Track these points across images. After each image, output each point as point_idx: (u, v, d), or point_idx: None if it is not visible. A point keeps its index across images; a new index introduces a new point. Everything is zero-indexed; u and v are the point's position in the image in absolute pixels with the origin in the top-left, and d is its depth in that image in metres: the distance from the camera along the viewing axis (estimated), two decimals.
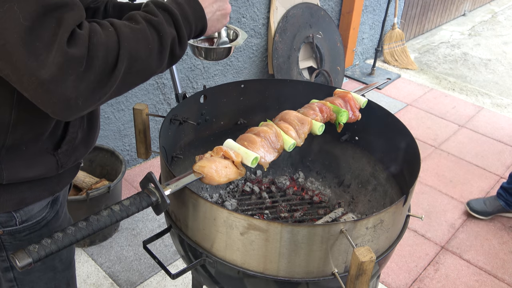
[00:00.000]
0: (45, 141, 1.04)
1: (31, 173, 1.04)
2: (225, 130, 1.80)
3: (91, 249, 2.54)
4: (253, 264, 1.21)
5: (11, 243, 1.12)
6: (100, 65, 0.84)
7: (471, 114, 4.19)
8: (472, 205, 2.97)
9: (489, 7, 7.15)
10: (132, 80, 0.94)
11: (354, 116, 1.57)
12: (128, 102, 2.90)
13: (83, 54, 0.81)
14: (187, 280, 2.38)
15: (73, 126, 1.09)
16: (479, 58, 5.40)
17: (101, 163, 2.69)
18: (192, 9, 1.05)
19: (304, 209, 1.82)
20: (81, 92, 0.83)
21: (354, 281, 1.09)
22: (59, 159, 1.08)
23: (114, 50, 0.86)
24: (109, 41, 0.86)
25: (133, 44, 0.90)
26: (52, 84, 0.79)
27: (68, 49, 0.79)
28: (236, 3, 3.26)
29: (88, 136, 1.16)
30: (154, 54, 0.95)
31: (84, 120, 1.13)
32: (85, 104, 0.86)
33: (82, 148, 1.15)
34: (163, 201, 1.06)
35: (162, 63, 0.98)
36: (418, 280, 2.50)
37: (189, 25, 1.04)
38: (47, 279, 1.25)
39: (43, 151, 1.05)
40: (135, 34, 0.91)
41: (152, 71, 0.97)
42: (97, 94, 0.86)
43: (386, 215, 1.21)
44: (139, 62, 0.92)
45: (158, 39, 0.95)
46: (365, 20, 4.57)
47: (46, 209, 1.16)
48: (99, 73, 0.84)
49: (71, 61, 0.80)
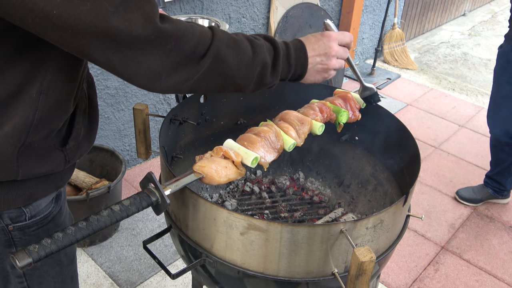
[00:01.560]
0: (53, 138, 1.06)
1: (43, 169, 1.06)
2: (225, 130, 1.79)
3: (91, 249, 2.54)
4: (253, 264, 1.21)
5: (20, 239, 1.14)
6: (189, 51, 0.91)
7: (471, 114, 4.19)
8: (461, 193, 3.09)
9: (489, 7, 7.16)
10: (213, 81, 0.99)
11: (354, 116, 1.57)
12: (128, 102, 2.90)
13: (174, 32, 0.88)
14: (187, 280, 2.38)
15: (78, 123, 1.11)
16: (479, 58, 5.40)
17: (101, 163, 2.69)
18: (297, 54, 1.13)
19: (304, 209, 1.82)
20: (165, 68, 0.89)
21: (354, 281, 1.09)
22: (67, 154, 1.10)
23: (206, 43, 0.93)
24: (203, 34, 0.93)
25: (224, 47, 0.96)
26: (141, 54, 0.85)
27: (160, 24, 0.85)
28: (236, 3, 3.26)
29: (90, 132, 1.19)
30: (242, 66, 1.00)
31: (86, 116, 1.15)
32: (167, 82, 0.91)
33: (85, 144, 1.17)
34: (163, 201, 1.06)
35: (247, 80, 1.03)
36: (418, 280, 2.50)
37: (288, 65, 1.11)
38: (54, 273, 1.27)
39: (52, 147, 1.06)
40: (230, 41, 0.98)
41: (235, 82, 1.02)
42: (180, 76, 0.92)
43: (386, 215, 1.21)
44: (225, 65, 0.97)
45: (251, 55, 1.01)
46: (365, 20, 4.57)
47: (52, 204, 1.18)
48: (186, 57, 0.91)
49: (161, 36, 0.86)
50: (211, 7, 3.09)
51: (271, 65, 1.06)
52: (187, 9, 2.94)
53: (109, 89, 2.77)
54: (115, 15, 0.80)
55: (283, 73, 1.11)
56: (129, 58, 0.85)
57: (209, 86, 1.00)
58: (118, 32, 0.81)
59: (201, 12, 3.04)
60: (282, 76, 1.12)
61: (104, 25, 0.80)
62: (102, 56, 0.84)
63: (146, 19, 0.83)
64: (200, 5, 3.01)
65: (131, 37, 0.83)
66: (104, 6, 0.79)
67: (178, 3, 2.88)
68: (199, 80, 0.95)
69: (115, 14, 0.80)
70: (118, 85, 2.80)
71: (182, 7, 2.91)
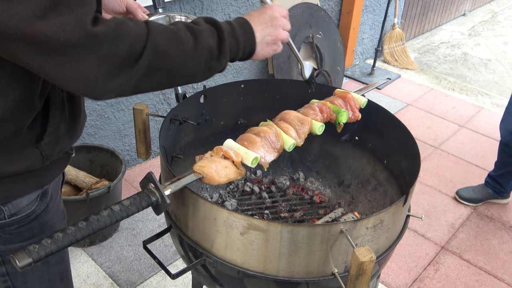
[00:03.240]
0: (25, 134, 1.03)
1: (15, 167, 1.03)
2: (225, 130, 1.80)
3: (91, 249, 2.54)
4: (253, 264, 1.21)
5: (0, 237, 1.12)
6: (125, 52, 0.85)
7: (471, 114, 4.19)
8: (461, 193, 3.09)
9: (489, 7, 7.15)
10: (157, 78, 0.94)
11: (354, 116, 1.57)
12: (128, 102, 2.90)
13: (107, 35, 0.83)
14: (187, 280, 2.38)
15: (53, 118, 1.07)
16: (479, 58, 5.40)
17: (101, 163, 2.69)
18: (242, 30, 1.07)
19: (304, 209, 1.82)
20: (100, 72, 0.84)
21: (354, 281, 1.09)
22: (43, 150, 1.07)
23: (142, 41, 0.88)
24: (138, 32, 0.88)
25: (163, 41, 0.91)
26: (73, 60, 0.81)
27: (91, 27, 0.81)
28: (236, 3, 3.27)
29: (72, 127, 1.14)
30: (185, 57, 0.95)
31: (65, 110, 1.11)
32: (105, 87, 0.87)
33: (66, 139, 1.13)
34: (163, 201, 1.06)
35: (194, 69, 0.99)
36: (418, 280, 2.50)
37: (236, 43, 1.06)
38: (40, 272, 1.25)
39: (25, 144, 1.04)
40: (168, 34, 0.92)
41: (181, 74, 0.98)
42: (118, 80, 0.87)
43: (386, 215, 1.21)
44: (168, 60, 0.92)
45: (193, 44, 0.96)
46: (365, 20, 4.57)
47: (36, 202, 1.15)
48: (122, 58, 0.85)
49: (93, 40, 0.81)
50: (211, 7, 3.09)
51: (217, 48, 1.01)
52: (187, 9, 2.94)
53: None
54: (42, 20, 0.76)
55: (232, 53, 1.06)
56: (61, 64, 0.82)
57: (154, 84, 0.95)
58: (45, 38, 0.78)
59: (201, 12, 3.04)
60: (232, 56, 1.07)
61: (30, 31, 0.77)
62: (34, 62, 0.81)
63: (78, 23, 0.79)
64: (200, 5, 3.01)
65: (60, 43, 0.79)
66: (30, 11, 0.75)
67: (178, 3, 2.88)
68: (140, 81, 0.90)
69: (42, 19, 0.76)
70: None
71: (182, 7, 2.91)
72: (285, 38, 1.18)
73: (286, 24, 1.19)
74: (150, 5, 2.65)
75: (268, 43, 1.14)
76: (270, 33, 1.13)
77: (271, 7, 1.16)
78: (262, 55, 1.15)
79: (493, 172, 3.02)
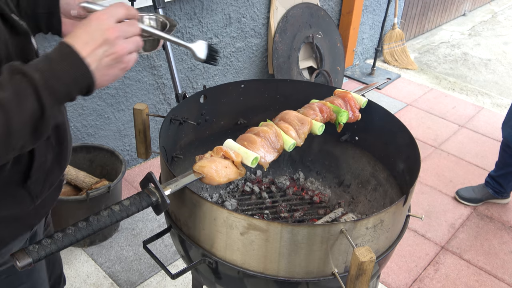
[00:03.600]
0: (9, 174, 0.92)
1: (1, 212, 0.94)
2: (225, 130, 1.79)
3: (91, 249, 2.54)
4: (253, 264, 1.21)
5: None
6: None
7: (471, 114, 4.19)
8: (461, 193, 3.10)
9: (489, 7, 7.15)
10: None
11: (354, 116, 1.57)
12: (128, 102, 2.90)
13: None
14: (187, 280, 2.38)
15: (39, 149, 0.95)
16: (479, 58, 5.40)
17: (101, 163, 2.69)
18: (67, 62, 0.82)
19: (304, 209, 1.82)
20: None
21: (354, 281, 1.09)
22: (32, 191, 0.97)
23: None
24: None
25: None
26: None
27: None
28: (236, 3, 3.26)
29: (60, 154, 1.05)
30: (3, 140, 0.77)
31: (51, 138, 1.00)
32: None
33: (56, 169, 1.03)
34: (163, 201, 1.06)
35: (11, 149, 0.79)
36: (418, 280, 2.50)
37: (63, 86, 0.81)
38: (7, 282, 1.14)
39: (11, 185, 0.93)
40: None
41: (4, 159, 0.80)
42: None
43: (386, 215, 1.21)
44: None
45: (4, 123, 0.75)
46: (365, 20, 4.57)
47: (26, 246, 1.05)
48: None
49: None
50: (211, 7, 3.09)
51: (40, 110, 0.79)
52: (187, 9, 2.94)
53: (109, 89, 2.77)
54: None
55: (61, 100, 0.83)
56: None
57: None
58: None
59: (201, 12, 3.04)
60: (62, 101, 0.84)
61: None
62: None
63: None
64: (200, 5, 3.01)
65: None
66: None
67: (178, 3, 2.88)
68: None
69: None
70: (118, 85, 2.80)
71: (182, 7, 2.91)
72: (130, 49, 0.89)
73: (128, 29, 0.89)
74: (150, 5, 2.66)
75: (109, 66, 0.87)
76: (106, 53, 0.85)
77: (97, 17, 0.87)
78: (107, 81, 0.89)
79: (494, 172, 3.02)
